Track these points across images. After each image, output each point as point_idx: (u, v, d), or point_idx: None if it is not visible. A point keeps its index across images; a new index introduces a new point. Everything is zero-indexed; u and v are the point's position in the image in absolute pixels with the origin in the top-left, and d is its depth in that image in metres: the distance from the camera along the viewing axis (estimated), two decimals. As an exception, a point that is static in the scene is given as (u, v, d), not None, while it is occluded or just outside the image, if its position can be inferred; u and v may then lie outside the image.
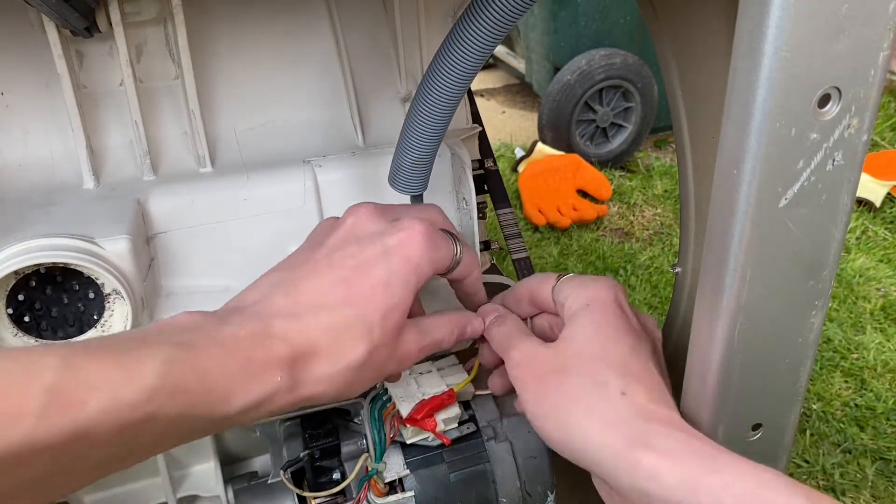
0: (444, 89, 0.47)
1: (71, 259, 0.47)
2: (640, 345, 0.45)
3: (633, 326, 0.46)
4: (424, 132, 0.50)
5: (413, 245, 0.45)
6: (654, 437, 0.38)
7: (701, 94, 0.53)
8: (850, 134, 0.34)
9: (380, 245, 0.45)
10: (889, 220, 2.22)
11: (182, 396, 0.35)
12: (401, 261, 0.45)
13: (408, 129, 0.51)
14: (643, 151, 2.77)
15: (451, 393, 0.55)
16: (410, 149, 0.52)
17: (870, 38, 0.32)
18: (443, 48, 0.46)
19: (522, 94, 3.40)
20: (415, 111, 0.50)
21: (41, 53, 0.55)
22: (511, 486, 0.58)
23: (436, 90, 0.48)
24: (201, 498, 0.68)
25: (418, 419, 0.54)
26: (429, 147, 0.52)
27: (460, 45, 0.45)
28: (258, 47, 0.63)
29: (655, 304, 1.89)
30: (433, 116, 0.49)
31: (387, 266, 0.44)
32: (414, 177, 0.53)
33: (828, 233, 0.37)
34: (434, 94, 0.48)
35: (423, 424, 0.54)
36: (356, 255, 0.45)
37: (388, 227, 0.47)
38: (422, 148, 0.51)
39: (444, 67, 0.46)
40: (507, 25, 0.43)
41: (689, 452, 0.37)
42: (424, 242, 0.46)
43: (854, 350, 1.69)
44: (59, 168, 0.57)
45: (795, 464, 1.42)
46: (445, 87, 0.47)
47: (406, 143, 0.52)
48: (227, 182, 0.58)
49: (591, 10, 2.53)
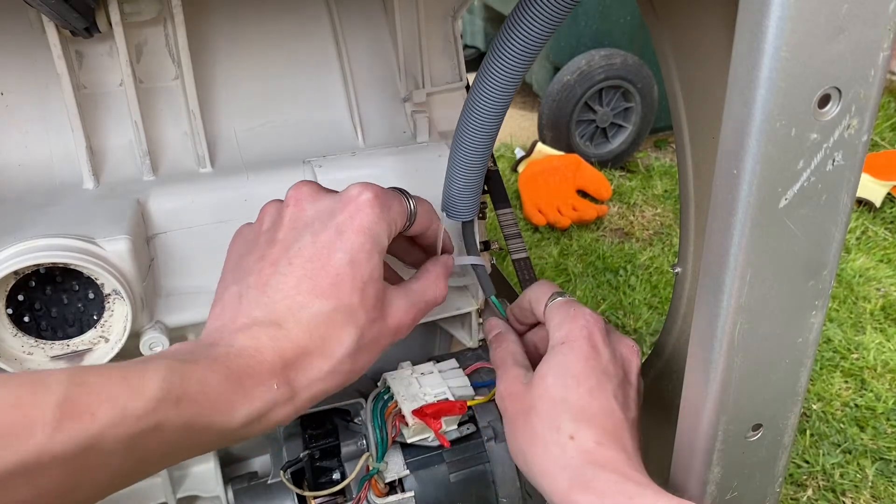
0: (488, 112, 0.50)
1: (71, 259, 0.47)
2: (603, 384, 0.47)
3: (602, 363, 0.48)
4: (470, 155, 0.53)
5: (363, 213, 0.44)
6: (591, 480, 0.42)
7: (701, 94, 0.53)
8: (850, 134, 0.34)
9: (332, 226, 0.44)
10: (889, 220, 2.22)
11: (186, 406, 0.36)
12: (356, 234, 0.44)
13: (455, 156, 0.54)
14: (643, 151, 2.77)
15: (464, 404, 0.56)
16: (458, 175, 0.54)
17: (870, 38, 0.32)
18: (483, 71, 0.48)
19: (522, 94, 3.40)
20: (461, 135, 0.52)
21: (41, 53, 0.55)
22: (511, 487, 0.58)
23: (479, 115, 0.50)
24: (201, 498, 0.68)
25: (427, 414, 0.54)
26: (476, 170, 0.54)
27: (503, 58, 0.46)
28: (258, 47, 0.63)
29: (655, 304, 1.89)
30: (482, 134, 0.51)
31: (344, 245, 0.44)
32: (465, 203, 0.56)
33: (828, 233, 0.37)
34: (478, 119, 0.50)
35: (429, 422, 0.54)
36: (312, 244, 0.44)
37: (334, 203, 0.45)
38: (469, 172, 0.54)
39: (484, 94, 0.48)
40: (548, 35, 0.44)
41: (616, 493, 0.41)
42: (374, 207, 0.45)
43: (854, 350, 1.69)
44: (59, 168, 0.57)
45: (795, 464, 1.42)
46: (489, 110, 0.49)
47: (454, 169, 0.54)
48: (227, 182, 0.58)
49: (591, 10, 2.53)
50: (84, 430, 0.32)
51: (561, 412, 0.46)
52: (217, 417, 0.38)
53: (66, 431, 0.31)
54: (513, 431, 0.49)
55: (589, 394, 0.46)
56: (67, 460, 0.31)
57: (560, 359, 0.48)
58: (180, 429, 0.36)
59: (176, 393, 0.36)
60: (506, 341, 0.55)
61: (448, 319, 0.66)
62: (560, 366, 0.48)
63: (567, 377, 0.47)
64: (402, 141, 0.65)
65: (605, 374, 0.48)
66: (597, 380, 0.47)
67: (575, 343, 0.48)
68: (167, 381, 0.36)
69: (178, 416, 0.36)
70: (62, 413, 0.31)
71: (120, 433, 0.33)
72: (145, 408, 0.34)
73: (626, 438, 0.46)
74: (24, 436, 0.30)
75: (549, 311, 0.52)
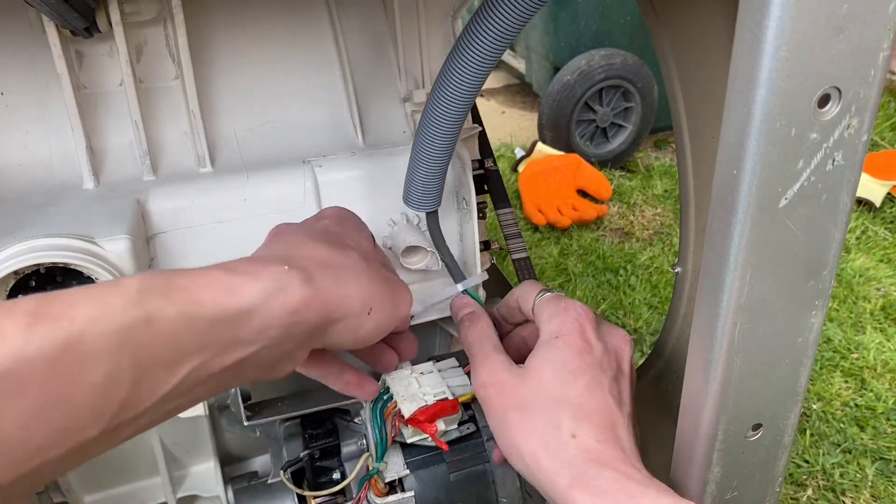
0: (452, 101, 0.48)
1: (71, 259, 0.47)
2: (599, 379, 0.47)
3: (596, 357, 0.48)
4: (434, 147, 0.52)
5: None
6: (593, 478, 0.42)
7: (701, 94, 0.53)
8: (850, 134, 0.34)
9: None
10: (889, 220, 2.22)
11: (178, 294, 0.34)
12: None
13: (417, 146, 0.52)
14: (643, 151, 2.77)
15: (456, 403, 0.55)
16: (420, 166, 0.53)
17: (870, 38, 0.32)
18: (450, 60, 0.47)
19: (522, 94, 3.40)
20: (424, 126, 0.51)
21: (41, 53, 0.55)
22: (511, 486, 0.58)
23: (443, 102, 0.49)
24: (201, 498, 0.68)
25: (421, 421, 0.54)
26: (439, 161, 0.53)
27: (467, 54, 0.45)
28: (258, 47, 0.63)
29: (655, 304, 1.89)
30: (442, 130, 0.50)
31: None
32: (426, 194, 0.55)
33: (828, 233, 0.37)
34: (442, 106, 0.49)
35: (425, 428, 0.54)
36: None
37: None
38: (432, 163, 0.53)
39: (451, 79, 0.47)
40: (515, 30, 0.43)
41: (618, 490, 0.41)
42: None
43: (854, 350, 1.69)
44: (59, 168, 0.57)
45: (795, 464, 1.42)
46: (453, 99, 0.48)
47: (416, 160, 0.53)
48: (227, 182, 0.58)
49: (591, 10, 2.53)
50: (61, 328, 0.30)
51: (560, 410, 0.46)
52: (221, 300, 0.36)
53: (40, 333, 0.29)
54: (504, 425, 0.48)
55: (587, 390, 0.46)
56: (50, 360, 0.29)
57: (555, 353, 0.48)
58: (178, 319, 0.34)
59: (161, 285, 0.34)
60: (480, 322, 0.54)
61: (448, 319, 0.66)
62: (556, 361, 0.48)
63: (564, 373, 0.47)
64: (402, 141, 0.65)
65: (600, 368, 0.48)
66: (592, 375, 0.47)
67: (569, 337, 0.48)
68: (148, 277, 0.34)
69: (169, 305, 0.33)
70: (35, 319, 0.30)
71: (103, 328, 0.31)
72: (127, 301, 0.32)
73: (623, 434, 0.46)
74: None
75: (538, 305, 0.52)
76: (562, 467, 0.44)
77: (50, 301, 0.31)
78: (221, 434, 0.70)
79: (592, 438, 0.44)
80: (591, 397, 0.46)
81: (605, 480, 0.42)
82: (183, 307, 0.34)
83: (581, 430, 0.45)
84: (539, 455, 0.45)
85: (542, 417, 0.46)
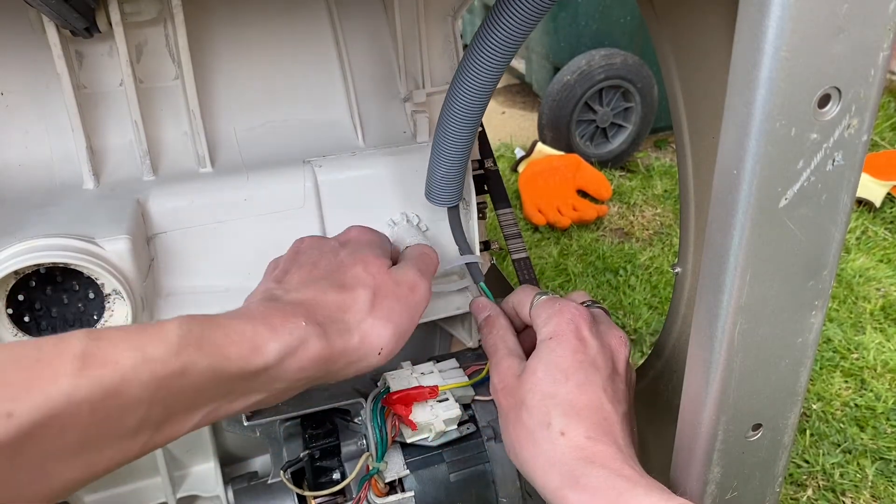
0: (471, 96, 0.50)
1: (71, 259, 0.47)
2: (591, 377, 0.48)
3: (590, 356, 0.49)
4: (453, 142, 0.53)
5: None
6: (583, 476, 0.43)
7: (701, 94, 0.53)
8: (850, 134, 0.34)
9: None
10: (889, 220, 2.22)
11: (209, 348, 0.37)
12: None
13: (437, 143, 0.54)
14: (643, 151, 2.77)
15: (435, 389, 0.55)
16: (440, 162, 0.55)
17: (870, 38, 0.32)
18: (470, 50, 0.48)
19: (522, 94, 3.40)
20: (443, 122, 0.52)
21: (41, 53, 0.55)
22: (511, 487, 0.58)
23: (462, 97, 0.50)
24: (201, 498, 0.68)
25: (393, 400, 0.54)
26: (458, 157, 0.54)
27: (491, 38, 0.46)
28: (258, 47, 0.63)
29: (655, 304, 1.89)
30: (461, 125, 0.52)
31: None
32: (447, 189, 0.57)
33: (828, 233, 0.37)
34: (460, 103, 0.50)
35: (397, 409, 0.54)
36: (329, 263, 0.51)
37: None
38: (451, 159, 0.54)
39: (467, 78, 0.49)
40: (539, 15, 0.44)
41: (607, 488, 0.42)
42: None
43: (854, 350, 1.69)
44: (59, 168, 0.57)
45: (795, 464, 1.42)
46: (472, 92, 0.49)
47: (436, 156, 0.55)
48: (227, 182, 0.58)
49: (591, 10, 2.53)
50: (107, 375, 0.33)
51: (551, 408, 0.46)
52: (245, 357, 0.39)
53: (89, 378, 0.32)
54: (506, 426, 0.50)
55: (578, 388, 0.47)
56: (94, 405, 0.32)
57: (549, 354, 0.49)
58: (206, 372, 0.37)
59: (197, 337, 0.37)
60: (497, 326, 0.56)
61: (448, 319, 0.66)
62: (548, 361, 0.48)
63: (556, 372, 0.47)
64: (402, 141, 0.65)
65: (594, 367, 0.48)
66: (585, 374, 0.47)
67: (563, 337, 0.49)
68: (186, 327, 0.37)
69: (202, 358, 0.36)
70: (84, 363, 0.32)
71: (144, 378, 0.34)
72: (167, 351, 0.35)
73: (618, 432, 0.46)
74: (51, 383, 0.31)
75: (534, 309, 0.53)
76: (552, 465, 0.44)
77: (96, 342, 0.34)
78: (221, 434, 0.70)
79: (582, 436, 0.45)
80: (581, 395, 0.47)
81: (595, 479, 0.42)
82: (212, 360, 0.37)
83: (570, 428, 0.45)
84: (531, 453, 0.46)
85: (534, 416, 0.47)
